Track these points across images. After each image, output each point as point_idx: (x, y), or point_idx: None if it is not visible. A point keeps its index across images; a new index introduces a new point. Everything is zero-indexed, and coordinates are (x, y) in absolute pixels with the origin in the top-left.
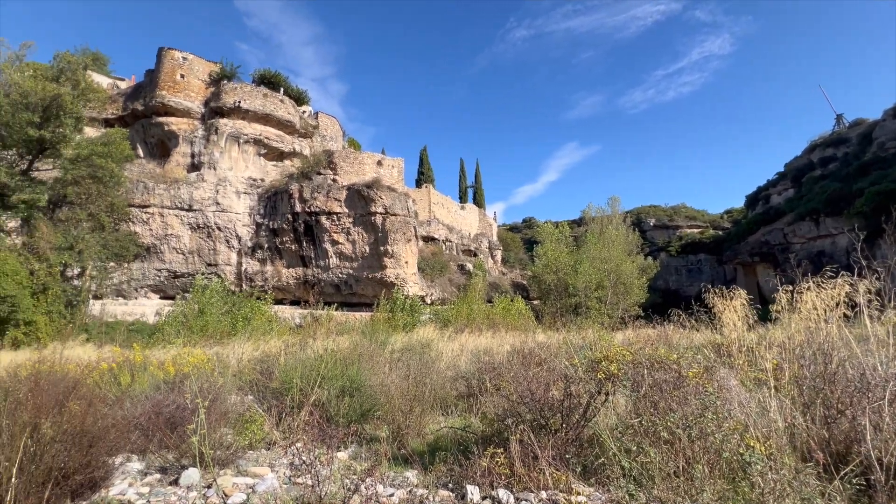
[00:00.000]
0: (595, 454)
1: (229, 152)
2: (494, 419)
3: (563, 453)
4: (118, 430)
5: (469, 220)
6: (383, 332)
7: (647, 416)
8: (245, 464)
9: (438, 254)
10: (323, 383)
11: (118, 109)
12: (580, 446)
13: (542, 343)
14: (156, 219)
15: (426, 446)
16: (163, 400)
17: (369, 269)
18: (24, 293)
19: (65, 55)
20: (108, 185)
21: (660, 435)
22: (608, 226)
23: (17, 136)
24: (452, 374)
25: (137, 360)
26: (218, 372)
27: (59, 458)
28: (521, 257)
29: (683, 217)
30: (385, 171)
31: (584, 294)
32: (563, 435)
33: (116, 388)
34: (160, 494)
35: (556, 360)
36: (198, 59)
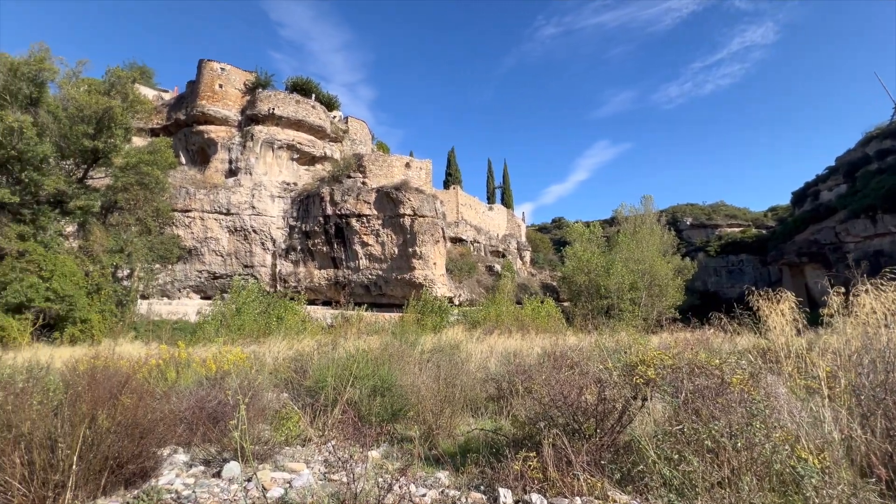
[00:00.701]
0: (632, 461)
1: (264, 158)
2: (526, 422)
3: (597, 459)
4: (166, 423)
5: (497, 221)
6: (413, 333)
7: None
8: (282, 459)
9: (466, 255)
10: (355, 383)
11: (162, 119)
12: (616, 453)
13: (573, 346)
14: (197, 222)
15: (457, 447)
16: (205, 396)
17: (398, 270)
18: (81, 293)
19: (115, 70)
20: (154, 192)
21: (703, 443)
22: (642, 225)
23: (74, 147)
24: (482, 376)
25: (182, 357)
26: (255, 370)
27: (113, 447)
28: (551, 258)
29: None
30: (413, 173)
31: (617, 296)
32: (597, 440)
33: (163, 384)
34: (205, 486)
35: (589, 363)
36: (234, 69)
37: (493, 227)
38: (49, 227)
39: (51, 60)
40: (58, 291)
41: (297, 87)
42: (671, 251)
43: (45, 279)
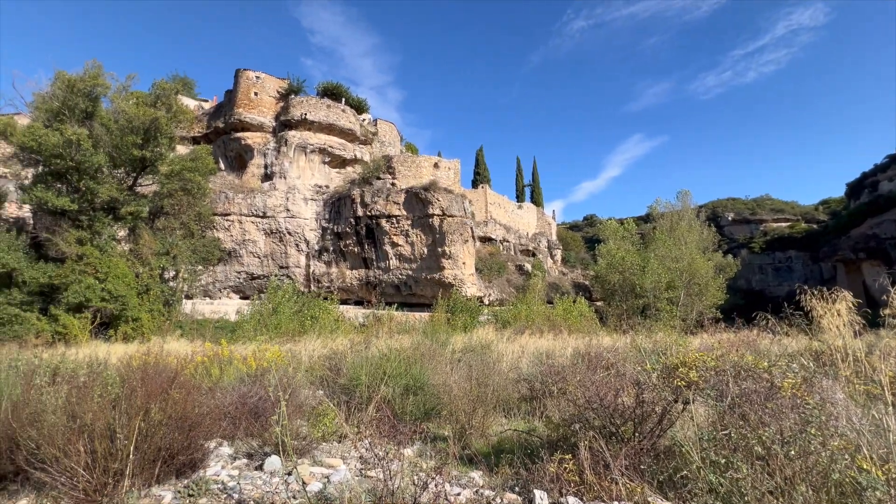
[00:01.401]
0: (673, 466)
1: (297, 162)
2: (560, 424)
3: (636, 463)
4: (212, 417)
5: (526, 220)
6: (443, 333)
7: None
8: (320, 455)
9: (496, 254)
10: (388, 381)
11: (203, 128)
12: (655, 457)
13: (607, 346)
14: (235, 225)
15: (490, 448)
16: (247, 392)
17: (428, 270)
18: (132, 293)
19: (160, 83)
20: (196, 197)
21: (752, 450)
22: (679, 222)
23: (125, 157)
24: (514, 377)
25: (224, 354)
26: (292, 367)
27: (165, 439)
28: (583, 257)
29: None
30: (441, 174)
31: (653, 295)
32: (635, 444)
33: (208, 380)
34: (248, 478)
35: (625, 364)
36: (269, 77)
37: (523, 225)
38: (103, 231)
39: (103, 76)
40: (112, 292)
41: (327, 92)
42: (711, 248)
43: (101, 280)
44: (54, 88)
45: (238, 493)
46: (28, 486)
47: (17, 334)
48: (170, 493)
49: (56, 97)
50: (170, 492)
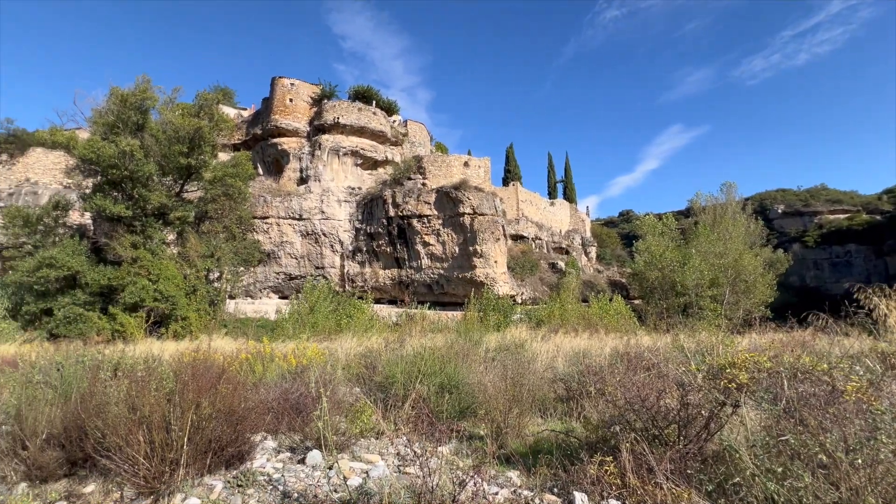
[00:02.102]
0: (723, 472)
1: (331, 165)
2: (599, 425)
3: (682, 468)
4: (257, 412)
5: (559, 217)
6: (476, 332)
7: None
8: (358, 450)
9: (528, 252)
10: (423, 380)
11: (242, 135)
12: (703, 462)
13: (647, 346)
14: (274, 228)
15: (526, 447)
16: (289, 388)
17: (459, 269)
18: (181, 294)
19: (203, 94)
20: (237, 201)
21: (813, 458)
22: (723, 215)
23: (172, 165)
24: (550, 376)
25: (266, 352)
26: (330, 365)
27: (215, 431)
28: (619, 254)
29: (823, 201)
30: (472, 172)
31: (695, 293)
32: (680, 448)
33: (252, 376)
34: (291, 471)
35: (667, 365)
36: (302, 83)
37: (556, 222)
38: (154, 236)
39: (152, 90)
40: (163, 292)
41: (358, 96)
42: (759, 243)
43: (153, 282)
44: (109, 103)
45: (283, 486)
46: (96, 472)
47: (81, 332)
48: (220, 483)
49: (111, 111)
50: (220, 482)
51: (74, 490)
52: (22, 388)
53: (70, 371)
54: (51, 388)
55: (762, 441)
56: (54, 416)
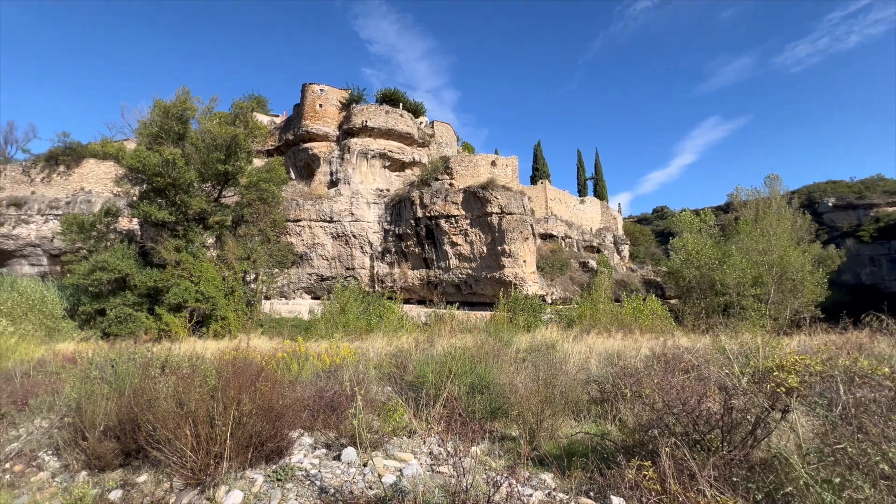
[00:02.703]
0: (771, 481)
1: (360, 168)
2: (636, 428)
3: (727, 475)
4: (294, 409)
5: (590, 214)
6: (506, 332)
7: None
8: (391, 448)
9: (558, 251)
10: (454, 379)
11: (275, 141)
12: (749, 470)
13: (686, 347)
14: (306, 230)
15: (560, 450)
16: (324, 386)
17: (488, 269)
18: (220, 295)
19: (238, 102)
20: (271, 205)
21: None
22: (766, 210)
23: (211, 172)
24: (583, 378)
25: (301, 351)
26: (362, 364)
27: (255, 427)
28: (653, 252)
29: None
30: (499, 171)
31: (736, 292)
32: (724, 454)
33: (288, 374)
34: (328, 467)
35: (709, 367)
36: (331, 88)
37: (586, 220)
38: (195, 239)
39: (191, 101)
40: (204, 293)
41: (385, 99)
42: (807, 238)
43: (195, 283)
44: (153, 115)
45: (320, 481)
46: (147, 463)
47: (130, 331)
48: (261, 477)
49: (154, 122)
50: (261, 475)
51: (129, 479)
52: (81, 384)
53: (123, 368)
54: (106, 383)
55: (816, 449)
56: (110, 409)
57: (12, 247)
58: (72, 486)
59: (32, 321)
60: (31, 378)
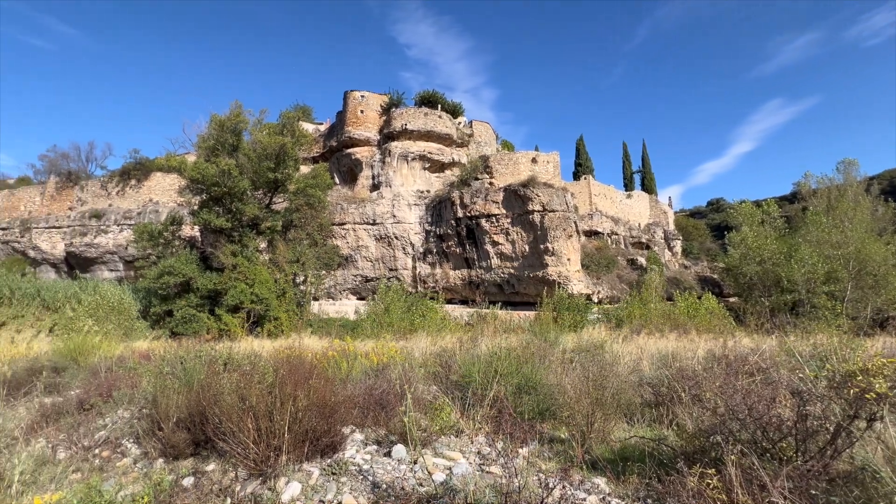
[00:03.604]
0: (856, 496)
1: (400, 170)
2: (696, 434)
3: (803, 487)
4: (345, 406)
5: (637, 210)
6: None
7: None
8: (440, 447)
9: (604, 248)
10: (500, 380)
11: (320, 148)
12: (829, 482)
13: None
14: (350, 233)
15: (612, 454)
16: (373, 384)
17: (530, 268)
18: (273, 296)
19: (286, 113)
20: (318, 210)
21: None
22: (840, 198)
23: (262, 180)
24: (635, 380)
25: (350, 350)
26: (408, 363)
27: (311, 422)
28: (708, 247)
29: None
30: (540, 168)
31: (806, 289)
32: (799, 464)
33: (339, 372)
34: (379, 463)
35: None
36: (372, 94)
37: (633, 216)
38: (249, 244)
39: (243, 114)
40: (258, 295)
41: (424, 101)
42: (891, 229)
43: (250, 286)
44: (210, 129)
45: (372, 476)
46: (215, 454)
47: (194, 330)
48: (317, 470)
49: (211, 136)
50: (317, 468)
51: (199, 468)
52: (155, 379)
53: (190, 365)
54: (177, 378)
55: None
56: (181, 402)
57: (94, 254)
58: (151, 473)
59: (113, 321)
60: (113, 373)
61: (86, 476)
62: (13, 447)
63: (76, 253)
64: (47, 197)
